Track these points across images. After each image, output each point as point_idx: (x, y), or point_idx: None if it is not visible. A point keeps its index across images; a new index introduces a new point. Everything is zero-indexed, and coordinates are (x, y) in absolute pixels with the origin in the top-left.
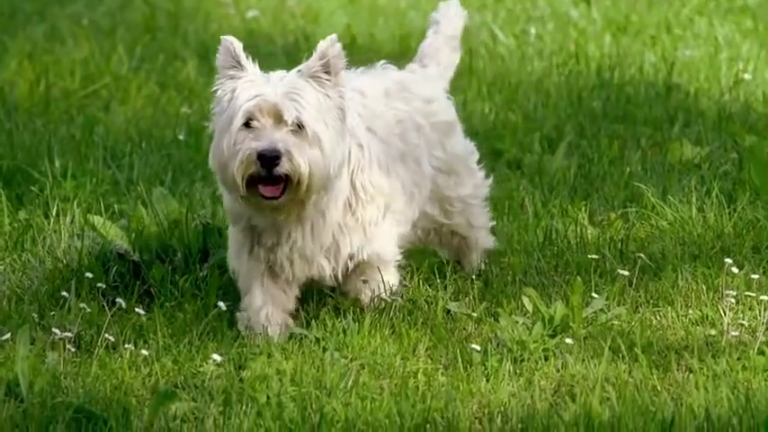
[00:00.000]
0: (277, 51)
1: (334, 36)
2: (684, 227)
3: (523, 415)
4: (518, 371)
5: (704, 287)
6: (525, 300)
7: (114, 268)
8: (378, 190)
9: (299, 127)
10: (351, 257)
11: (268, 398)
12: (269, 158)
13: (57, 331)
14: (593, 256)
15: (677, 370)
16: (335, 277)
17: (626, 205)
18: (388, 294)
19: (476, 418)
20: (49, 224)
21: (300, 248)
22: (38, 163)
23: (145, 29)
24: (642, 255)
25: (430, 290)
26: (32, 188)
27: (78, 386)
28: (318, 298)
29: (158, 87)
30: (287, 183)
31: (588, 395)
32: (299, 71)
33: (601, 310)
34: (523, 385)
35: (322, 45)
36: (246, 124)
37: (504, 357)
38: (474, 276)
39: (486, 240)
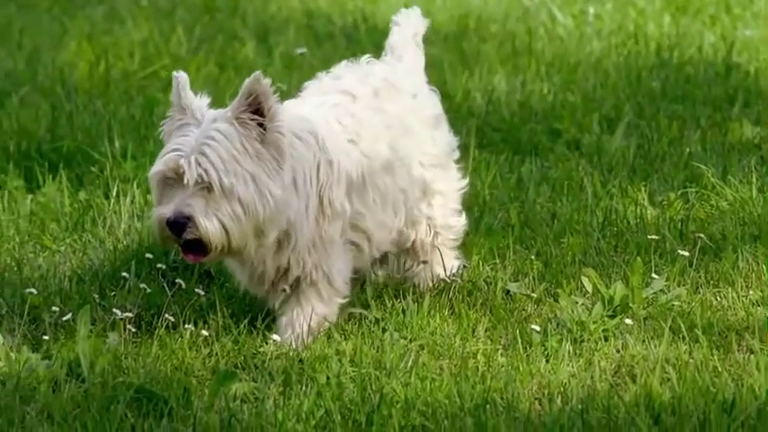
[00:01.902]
0: (336, 32)
1: (258, 73)
2: (744, 207)
3: (583, 396)
4: (578, 351)
5: (765, 267)
6: (585, 280)
7: (174, 249)
8: (342, 209)
9: (209, 185)
10: (302, 272)
11: (328, 378)
12: (176, 226)
13: (117, 312)
14: (653, 237)
15: (738, 351)
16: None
17: (685, 185)
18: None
19: (535, 398)
20: (109, 205)
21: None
22: (98, 144)
23: (204, 9)
24: (702, 235)
25: (489, 270)
26: (92, 169)
27: (139, 366)
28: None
29: (217, 68)
30: (206, 244)
31: (648, 376)
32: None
33: (661, 290)
34: (583, 366)
35: (246, 83)
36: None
37: (564, 338)
38: (533, 257)
39: (451, 255)
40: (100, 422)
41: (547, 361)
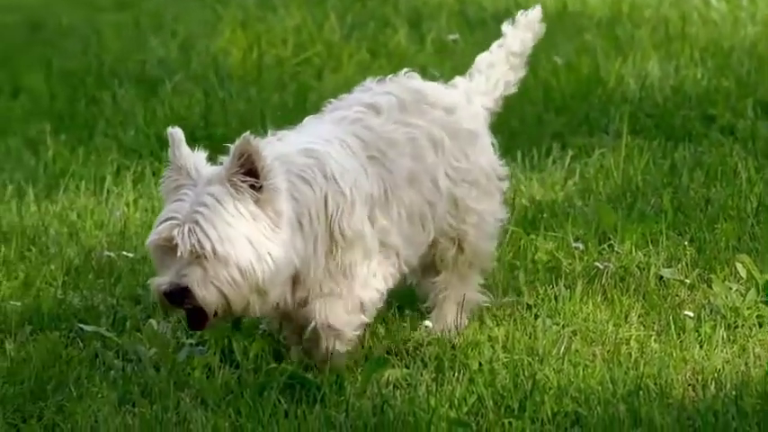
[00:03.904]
0: (488, 18)
1: (247, 134)
2: None
3: (737, 382)
4: (732, 337)
5: None
6: (739, 266)
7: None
8: (357, 235)
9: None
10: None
11: (480, 364)
12: (174, 298)
13: None
14: None
15: None
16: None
17: None
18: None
19: (689, 384)
20: None
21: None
22: (251, 130)
23: None
24: None
25: (642, 256)
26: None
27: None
28: (531, 266)
29: (369, 55)
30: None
31: None
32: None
33: None
34: (737, 352)
35: (237, 145)
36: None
37: (718, 324)
38: (686, 243)
39: (471, 286)
40: (253, 408)
41: (700, 347)
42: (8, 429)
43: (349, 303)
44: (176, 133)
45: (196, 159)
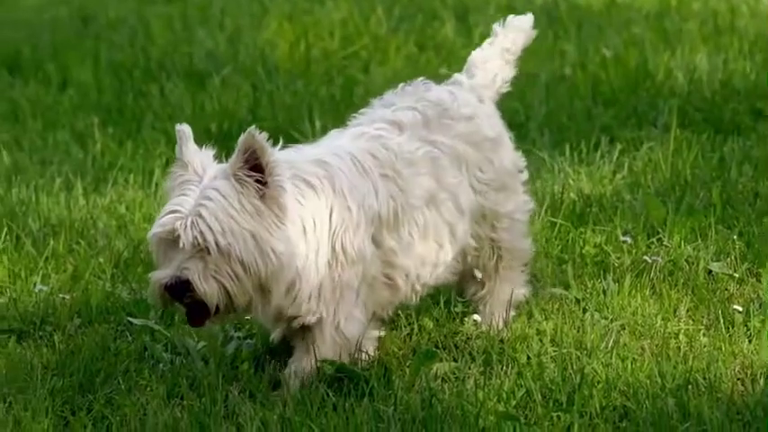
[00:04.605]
0: (536, 11)
1: (252, 128)
2: None
3: None
4: None
5: None
6: None
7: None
8: (359, 255)
9: (207, 246)
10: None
11: (528, 358)
12: (174, 291)
13: None
14: None
15: None
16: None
17: None
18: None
19: (738, 379)
20: None
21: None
22: (299, 123)
23: None
24: None
25: (691, 250)
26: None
27: None
28: (579, 260)
29: (417, 48)
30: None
31: None
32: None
33: None
34: None
35: (242, 139)
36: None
37: (767, 318)
38: (735, 237)
39: (515, 282)
40: (301, 401)
41: (749, 341)
42: (57, 421)
43: (333, 331)
44: (184, 130)
45: (203, 156)
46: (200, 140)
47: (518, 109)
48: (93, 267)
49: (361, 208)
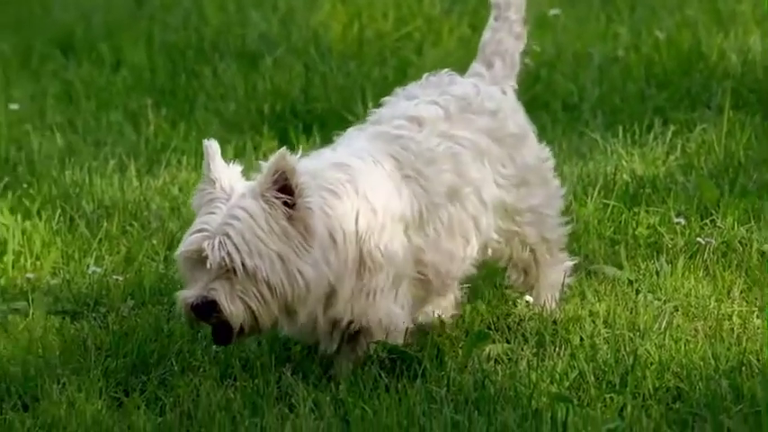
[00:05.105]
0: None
1: (283, 149)
2: None
3: None
4: None
5: None
6: None
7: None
8: (387, 258)
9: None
10: (350, 323)
11: (581, 339)
12: (201, 311)
13: None
14: None
15: None
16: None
17: None
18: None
19: None
20: None
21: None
22: (351, 105)
23: None
24: None
25: (744, 232)
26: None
27: None
28: (632, 241)
29: (470, 29)
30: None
31: None
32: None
33: None
34: None
35: (272, 160)
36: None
37: None
38: None
39: (557, 264)
40: (354, 383)
41: None
42: (111, 402)
43: (378, 330)
44: (212, 146)
45: (230, 173)
46: (252, 121)
47: (572, 90)
48: (147, 249)
49: (386, 209)
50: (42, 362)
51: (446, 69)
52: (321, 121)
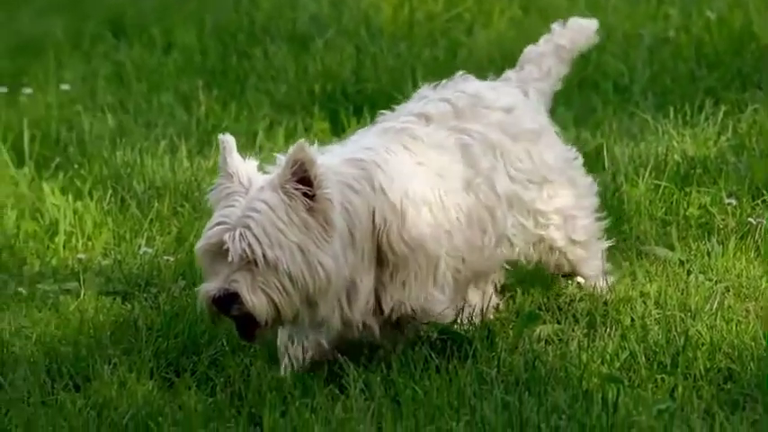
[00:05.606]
0: None
1: (302, 141)
2: None
3: None
4: None
5: None
6: None
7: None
8: (414, 245)
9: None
10: (392, 310)
11: (632, 320)
12: (222, 303)
13: None
14: None
15: None
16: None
17: None
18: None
19: None
20: None
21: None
22: (402, 86)
23: None
24: None
25: None
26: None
27: None
28: (683, 222)
29: (521, 11)
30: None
31: None
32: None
33: None
34: None
35: (291, 152)
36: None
37: None
38: None
39: (592, 263)
40: (405, 363)
41: None
42: (162, 383)
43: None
44: (228, 141)
45: (248, 167)
46: (303, 102)
47: (622, 71)
48: (198, 230)
49: (406, 197)
50: (93, 342)
51: (496, 51)
52: (371, 103)
